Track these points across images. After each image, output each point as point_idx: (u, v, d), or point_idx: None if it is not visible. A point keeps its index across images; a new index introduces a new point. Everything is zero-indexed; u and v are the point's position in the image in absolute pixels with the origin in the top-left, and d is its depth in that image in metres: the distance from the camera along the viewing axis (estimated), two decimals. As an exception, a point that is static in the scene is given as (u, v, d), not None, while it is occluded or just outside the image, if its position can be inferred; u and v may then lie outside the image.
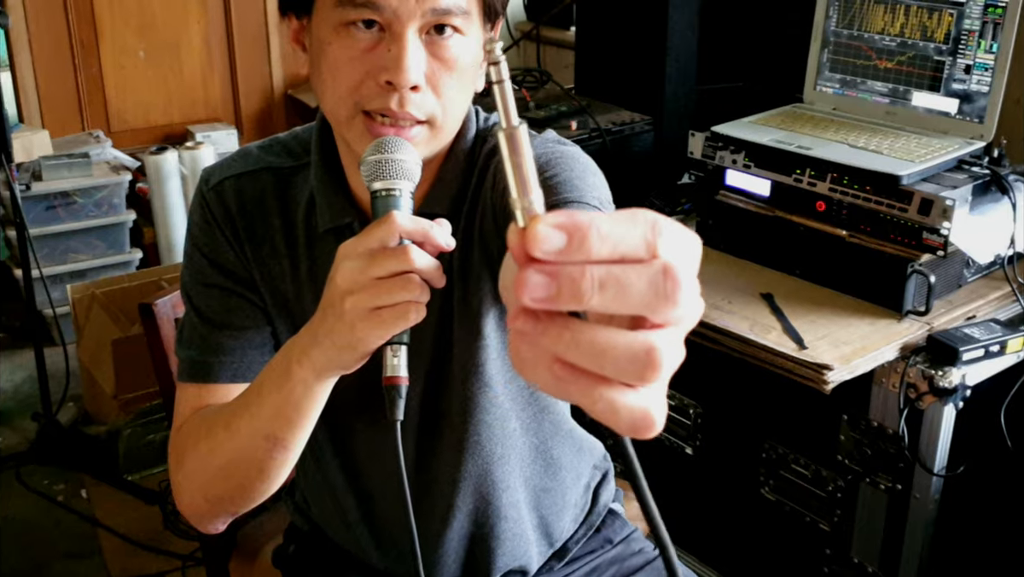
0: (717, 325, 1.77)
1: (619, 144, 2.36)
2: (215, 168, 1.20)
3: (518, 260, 0.47)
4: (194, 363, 1.16)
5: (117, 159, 3.71)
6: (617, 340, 0.47)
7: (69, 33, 3.82)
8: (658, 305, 0.47)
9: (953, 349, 1.66)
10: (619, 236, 0.47)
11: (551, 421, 1.28)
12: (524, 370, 0.50)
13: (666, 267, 0.47)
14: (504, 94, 0.51)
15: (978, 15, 1.87)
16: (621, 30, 2.54)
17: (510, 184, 0.50)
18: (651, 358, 0.47)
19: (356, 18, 0.99)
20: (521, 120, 0.51)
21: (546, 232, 0.46)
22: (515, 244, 0.47)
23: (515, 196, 0.50)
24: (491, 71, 0.51)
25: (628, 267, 0.47)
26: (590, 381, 0.48)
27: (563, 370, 0.48)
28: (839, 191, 1.83)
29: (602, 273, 0.46)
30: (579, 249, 0.46)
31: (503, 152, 0.50)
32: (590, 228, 0.46)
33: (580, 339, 0.47)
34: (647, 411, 0.49)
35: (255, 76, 4.20)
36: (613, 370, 0.48)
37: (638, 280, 0.47)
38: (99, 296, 3.00)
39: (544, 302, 0.47)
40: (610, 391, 0.48)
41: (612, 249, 0.47)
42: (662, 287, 0.47)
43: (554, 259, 0.46)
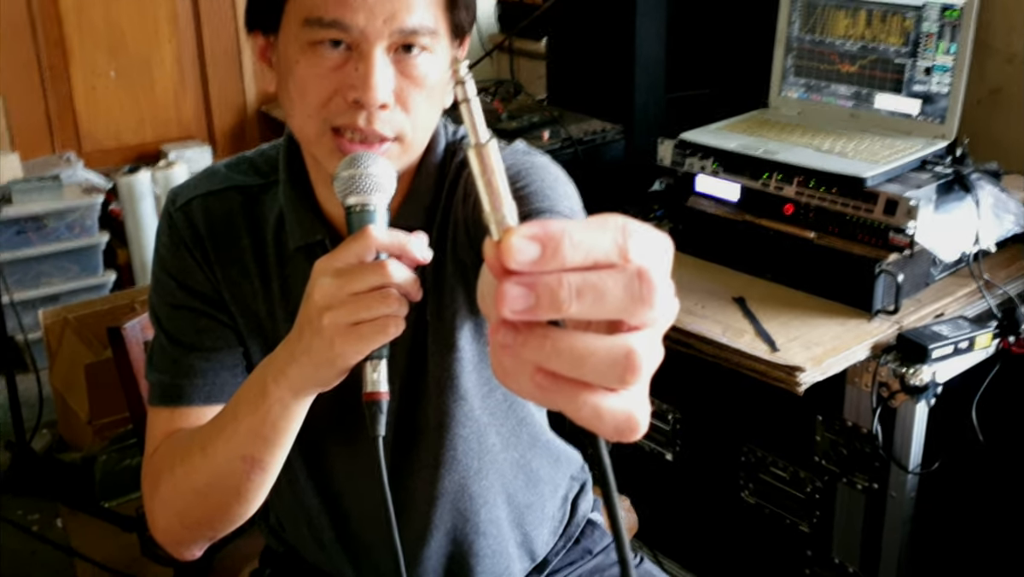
0: (691, 330, 1.78)
1: (591, 153, 2.38)
2: (182, 188, 1.20)
3: (495, 273, 0.48)
4: (165, 386, 1.15)
5: (89, 181, 3.68)
6: (596, 345, 0.48)
7: (37, 56, 3.80)
8: (634, 308, 0.48)
9: (923, 347, 1.67)
10: (591, 242, 0.48)
11: (529, 433, 1.28)
12: (507, 381, 0.50)
13: (640, 270, 0.48)
14: (472, 112, 0.52)
15: (936, 18, 1.89)
16: (591, 41, 2.55)
17: (482, 198, 0.51)
18: (631, 361, 0.48)
19: (324, 38, 0.99)
20: (490, 135, 0.52)
21: (520, 244, 0.47)
22: (491, 257, 0.48)
23: (488, 210, 0.51)
24: (457, 91, 0.52)
25: (603, 273, 0.48)
26: (573, 388, 0.49)
27: (546, 379, 0.49)
28: (806, 194, 1.84)
29: (578, 280, 0.47)
30: (554, 258, 0.47)
31: (474, 168, 0.51)
32: (563, 237, 0.47)
33: (560, 347, 0.48)
34: (631, 414, 0.50)
35: (228, 93, 4.19)
36: (594, 375, 0.49)
37: (614, 285, 0.48)
38: (71, 320, 2.98)
39: (524, 313, 0.48)
40: (593, 396, 0.49)
41: (585, 256, 0.47)
42: (637, 290, 0.48)
43: (530, 269, 0.47)
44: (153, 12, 3.96)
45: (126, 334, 1.46)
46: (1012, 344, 1.77)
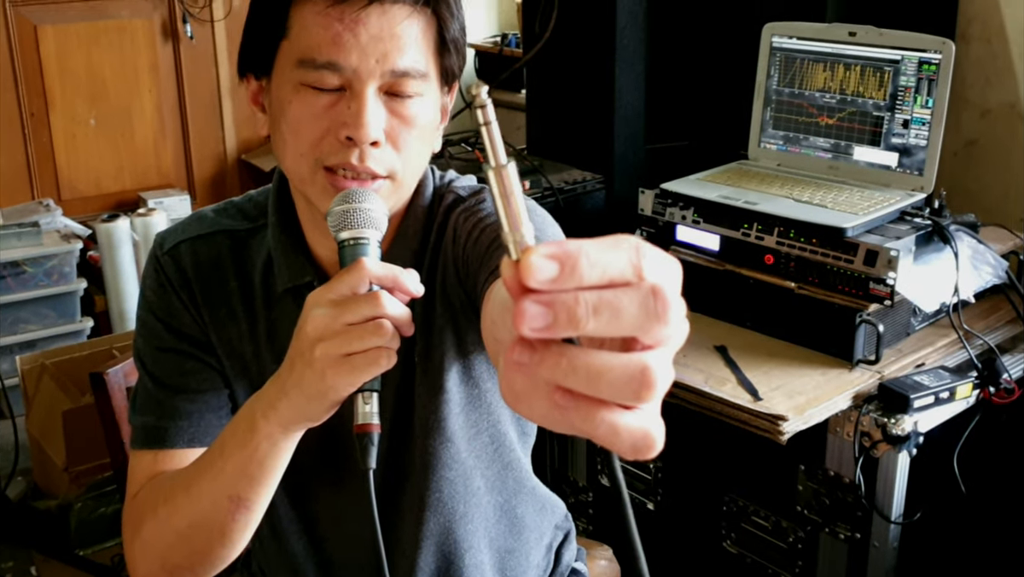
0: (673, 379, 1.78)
1: (571, 202, 2.39)
2: (169, 232, 1.20)
3: (513, 292, 0.49)
4: (149, 429, 1.14)
5: (68, 227, 3.67)
6: (612, 362, 0.49)
7: (19, 104, 3.80)
8: (649, 325, 0.49)
9: (904, 397, 1.68)
10: (607, 261, 0.49)
11: (515, 479, 1.27)
12: (519, 403, 0.51)
13: (654, 288, 0.49)
14: (492, 134, 0.53)
15: (913, 72, 1.93)
16: (570, 92, 2.58)
17: (501, 219, 0.52)
18: (646, 377, 0.49)
19: (317, 78, 1.01)
20: (509, 158, 0.53)
21: (539, 262, 0.48)
22: (509, 276, 0.49)
23: (507, 230, 0.52)
24: (478, 113, 0.54)
25: (619, 291, 0.49)
26: (590, 406, 0.50)
27: (563, 397, 0.50)
28: (786, 244, 1.86)
29: (595, 298, 0.48)
30: (571, 276, 0.48)
31: (493, 189, 0.52)
32: (580, 255, 0.48)
33: (577, 364, 0.49)
34: (647, 431, 0.51)
35: (208, 141, 4.20)
36: (610, 392, 0.49)
37: (629, 303, 0.49)
38: (49, 366, 2.95)
39: (543, 331, 0.48)
40: (610, 414, 0.50)
41: (602, 274, 0.48)
42: (652, 307, 0.49)
43: (548, 288, 0.48)
44: (134, 61, 3.98)
45: (108, 380, 1.45)
46: (992, 394, 1.78)
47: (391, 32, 1.01)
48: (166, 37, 4.01)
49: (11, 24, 3.73)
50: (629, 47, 2.44)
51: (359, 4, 0.99)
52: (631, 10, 2.42)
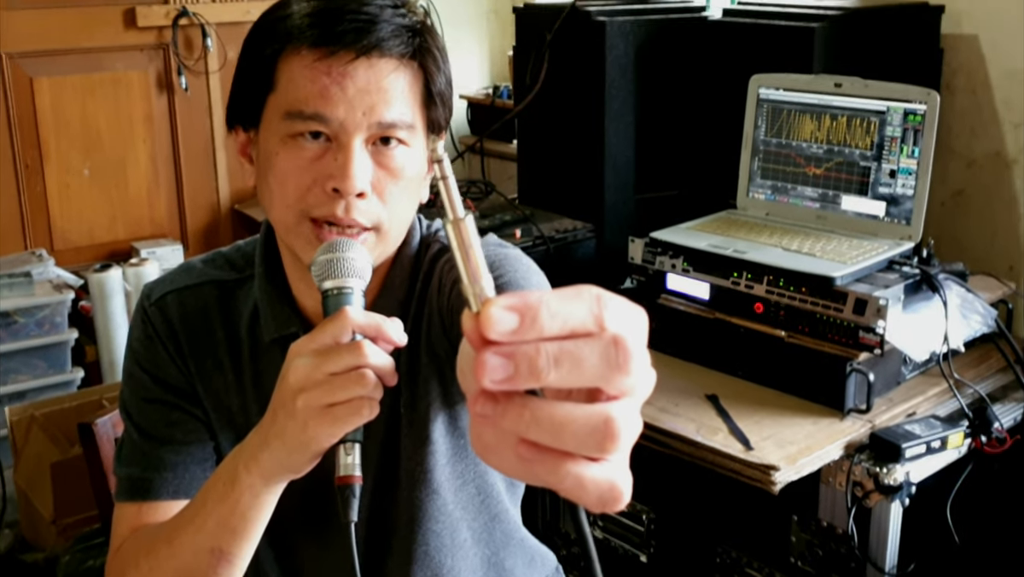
0: (664, 428, 1.78)
1: (562, 251, 2.40)
2: (157, 283, 1.21)
3: (474, 344, 0.49)
4: (133, 480, 1.14)
5: (60, 277, 3.67)
6: (575, 413, 0.49)
7: (14, 155, 3.82)
8: (611, 375, 0.49)
9: (896, 446, 1.68)
10: (568, 312, 0.49)
11: (502, 531, 1.26)
12: (489, 455, 0.51)
13: (615, 338, 0.49)
14: (449, 188, 0.54)
15: (899, 122, 1.95)
16: (561, 142, 2.60)
17: (460, 272, 0.52)
18: (609, 428, 0.49)
19: (304, 130, 1.02)
20: (467, 211, 0.53)
21: (499, 314, 0.48)
22: (470, 329, 0.49)
23: (467, 283, 0.52)
24: (435, 168, 0.54)
25: (580, 341, 0.49)
26: (555, 458, 0.50)
27: (528, 450, 0.50)
28: (776, 293, 1.87)
29: (556, 349, 0.48)
30: (531, 328, 0.48)
31: (452, 242, 0.53)
32: (540, 306, 0.48)
33: (540, 416, 0.49)
34: (613, 483, 0.51)
35: (201, 192, 4.21)
36: (574, 443, 0.49)
37: (591, 353, 0.49)
38: (38, 417, 2.94)
39: (504, 383, 0.48)
40: (576, 466, 0.50)
41: (562, 325, 0.49)
42: (614, 358, 0.49)
43: (509, 340, 0.48)
44: (129, 112, 4.00)
45: (97, 430, 1.44)
46: (984, 444, 1.78)
47: (378, 85, 1.02)
48: (161, 89, 4.04)
49: (7, 76, 3.76)
50: (619, 98, 2.46)
51: (346, 58, 1.01)
52: (620, 62, 2.44)
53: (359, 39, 1.01)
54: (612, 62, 2.43)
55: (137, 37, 3.95)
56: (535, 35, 2.59)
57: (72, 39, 3.84)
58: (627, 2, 2.67)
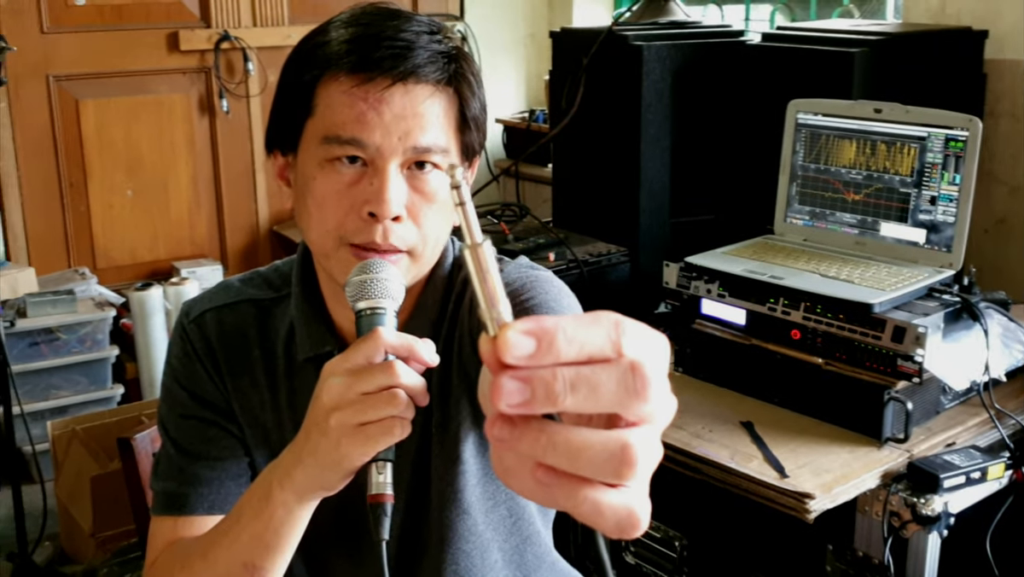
0: (698, 454, 1.77)
1: (596, 275, 2.40)
2: (196, 301, 1.22)
3: (491, 368, 0.49)
4: (170, 495, 1.15)
5: (102, 295, 3.72)
6: (592, 439, 0.49)
7: (59, 174, 3.89)
8: (629, 402, 0.49)
9: (934, 476, 1.65)
10: (585, 337, 0.49)
11: (534, 553, 1.26)
12: (508, 478, 0.51)
13: (633, 364, 0.49)
14: (467, 214, 0.54)
15: (940, 148, 1.93)
16: (596, 166, 2.61)
17: (478, 296, 0.52)
18: (626, 454, 0.49)
19: (341, 154, 1.04)
20: (485, 236, 0.53)
21: (516, 338, 0.48)
22: (487, 353, 0.49)
23: (484, 307, 0.52)
24: (453, 194, 0.55)
25: (597, 367, 0.49)
26: (572, 483, 0.50)
27: (545, 475, 0.50)
28: (813, 319, 1.85)
29: (572, 374, 0.48)
30: (548, 352, 0.48)
31: (470, 267, 0.53)
32: (557, 331, 0.48)
33: (556, 440, 0.49)
34: (631, 509, 0.51)
35: (241, 213, 4.26)
36: (591, 469, 0.49)
37: (607, 379, 0.49)
38: (79, 432, 2.98)
39: (520, 407, 0.48)
40: (593, 492, 0.50)
41: (579, 350, 0.49)
42: (631, 384, 0.49)
43: (526, 364, 0.48)
44: (171, 134, 4.06)
45: (136, 445, 1.46)
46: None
47: (414, 111, 1.03)
48: (202, 112, 4.10)
49: (53, 98, 3.84)
50: (655, 122, 2.46)
51: (383, 84, 1.02)
52: (657, 87, 2.45)
53: (396, 65, 1.03)
54: (648, 86, 2.44)
55: (180, 60, 4.02)
56: (572, 59, 2.60)
57: (117, 62, 3.92)
58: (664, 26, 2.68)
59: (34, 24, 3.75)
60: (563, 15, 4.40)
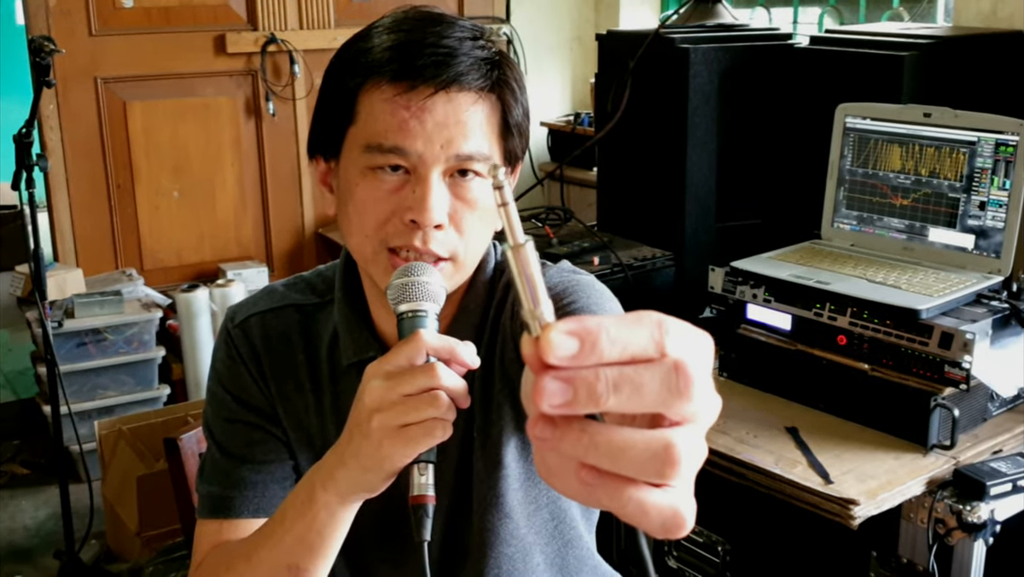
0: (742, 459, 1.76)
1: (640, 279, 2.39)
2: (240, 306, 1.23)
3: (534, 369, 0.49)
4: (215, 498, 1.16)
5: (148, 296, 3.77)
6: (635, 438, 0.49)
7: (107, 176, 3.94)
8: (672, 401, 0.49)
9: (980, 483, 1.64)
10: (628, 337, 0.49)
11: (576, 557, 1.26)
12: (552, 479, 0.51)
13: (677, 364, 0.49)
14: (509, 215, 0.54)
15: (990, 154, 1.91)
16: (642, 170, 2.60)
17: (521, 297, 0.52)
18: (670, 454, 0.49)
19: (384, 163, 1.04)
20: (527, 237, 0.53)
21: (559, 339, 0.48)
22: (530, 353, 0.49)
23: (527, 308, 0.52)
24: (496, 195, 0.54)
25: (640, 367, 0.49)
26: (617, 483, 0.49)
27: (589, 475, 0.50)
28: (859, 325, 1.84)
29: (615, 374, 0.48)
30: (591, 353, 0.48)
31: (512, 267, 0.53)
32: (600, 332, 0.48)
33: (599, 440, 0.49)
34: (676, 509, 0.50)
35: (287, 215, 4.30)
36: (634, 469, 0.49)
37: (651, 379, 0.48)
38: (125, 432, 3.02)
39: (562, 407, 0.48)
40: (638, 492, 0.50)
41: (623, 350, 0.48)
42: (675, 383, 0.49)
43: (568, 364, 0.48)
44: (218, 137, 4.10)
45: (182, 445, 1.47)
46: (1074, 484, 1.72)
47: (456, 119, 1.03)
48: (249, 114, 4.14)
49: (102, 100, 3.89)
50: (701, 126, 2.45)
51: (426, 92, 1.02)
52: (704, 90, 2.44)
53: (438, 73, 1.02)
54: (695, 89, 2.42)
55: (227, 63, 4.06)
56: (618, 62, 2.59)
57: (164, 65, 3.96)
58: (712, 29, 2.66)
59: (83, 27, 3.80)
60: (609, 17, 4.39)
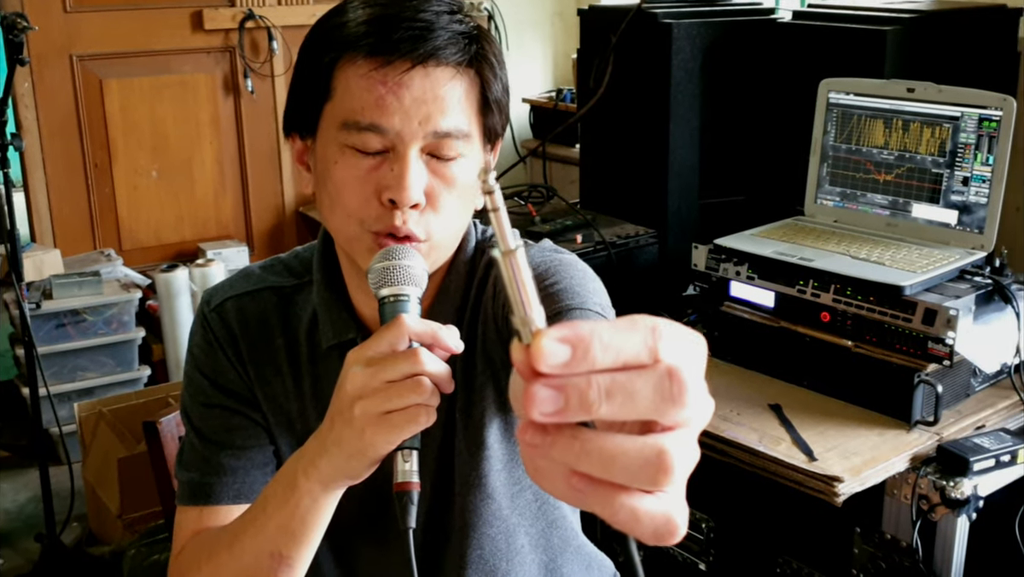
0: (726, 437, 1.76)
1: (624, 256, 2.38)
2: (217, 289, 1.21)
3: (524, 376, 0.48)
4: (195, 485, 1.15)
5: (128, 277, 3.74)
6: (627, 446, 0.48)
7: (83, 155, 3.90)
8: (666, 408, 0.48)
9: (963, 459, 1.64)
10: (621, 344, 0.47)
11: (560, 537, 1.26)
12: (541, 482, 0.50)
13: (670, 370, 0.48)
14: (500, 220, 0.52)
15: (973, 128, 1.90)
16: (624, 146, 2.59)
17: (512, 302, 0.51)
18: (662, 461, 0.48)
19: (361, 143, 1.02)
20: (519, 242, 0.52)
21: (551, 347, 0.47)
22: (520, 361, 0.48)
23: (518, 314, 0.51)
24: (487, 200, 0.53)
25: (633, 373, 0.47)
26: (608, 490, 0.48)
27: (580, 481, 0.49)
28: (843, 302, 1.83)
29: (608, 382, 0.47)
30: (583, 360, 0.47)
31: (503, 274, 0.51)
32: (592, 338, 0.47)
33: (590, 448, 0.48)
34: (669, 516, 0.49)
35: (266, 194, 4.27)
36: (626, 476, 0.48)
37: (644, 385, 0.47)
38: (106, 414, 2.99)
39: (554, 416, 0.47)
40: (630, 499, 0.49)
41: (615, 357, 0.47)
42: (668, 390, 0.47)
43: (560, 372, 0.47)
44: (196, 114, 4.07)
45: (161, 428, 1.46)
46: (1056, 459, 1.73)
47: (434, 94, 1.01)
48: (227, 91, 4.10)
49: (77, 78, 3.84)
50: (684, 102, 2.44)
51: (403, 67, 1.00)
52: (686, 65, 2.42)
53: (415, 47, 1.00)
54: (678, 65, 2.41)
55: (204, 40, 4.02)
56: (600, 38, 2.57)
57: (140, 42, 3.91)
58: (694, 4, 2.64)
59: (57, 3, 3.75)
60: (590, -8, 4.36)
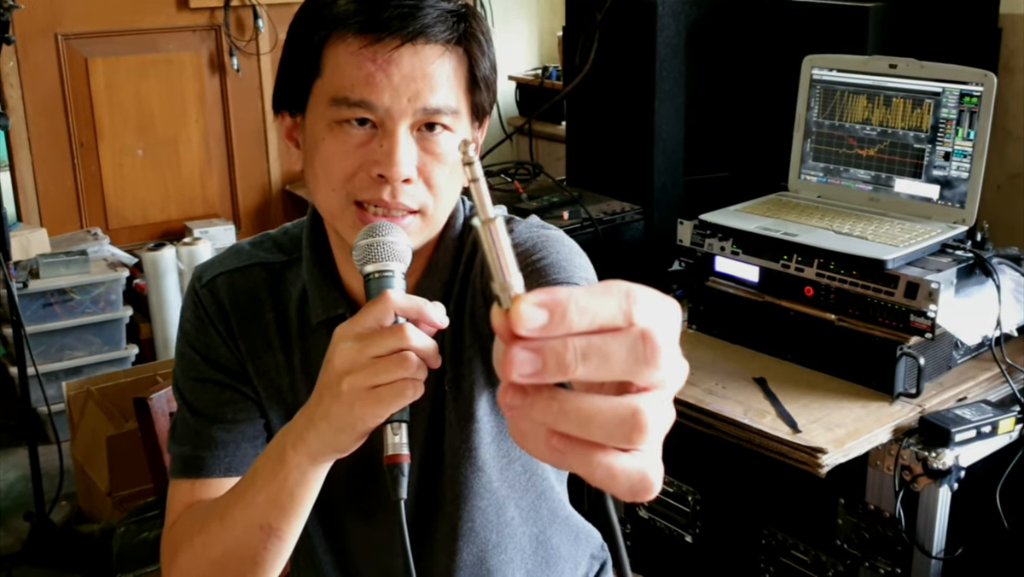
0: (711, 410, 1.78)
1: (610, 233, 2.40)
2: (207, 265, 1.22)
3: (504, 339, 0.50)
4: (187, 458, 1.16)
5: (115, 256, 3.74)
6: (602, 405, 0.50)
7: (69, 133, 3.89)
8: (640, 369, 0.50)
9: (945, 430, 1.66)
10: (596, 307, 0.49)
11: (549, 508, 1.27)
12: (524, 444, 0.52)
13: (644, 332, 0.49)
14: (479, 190, 0.55)
15: (954, 104, 1.92)
16: (610, 123, 2.60)
17: (491, 269, 0.53)
18: (637, 420, 0.50)
19: (350, 116, 1.03)
20: (497, 212, 0.54)
21: (528, 311, 0.49)
22: (500, 325, 0.50)
23: (497, 280, 0.53)
24: (466, 171, 0.55)
25: (608, 336, 0.49)
26: (586, 449, 0.50)
27: (559, 441, 0.51)
28: (826, 276, 1.85)
29: (583, 344, 0.49)
30: (560, 323, 0.49)
31: (483, 242, 0.54)
32: (569, 302, 0.49)
33: (567, 408, 0.50)
34: (644, 473, 0.51)
35: (253, 172, 4.26)
36: (602, 435, 0.50)
37: (618, 347, 0.49)
38: (94, 392, 3.00)
39: (532, 376, 0.49)
40: (606, 457, 0.51)
41: (591, 320, 0.49)
42: (641, 352, 0.49)
43: (538, 335, 0.49)
44: (181, 93, 4.05)
45: (152, 405, 1.47)
46: (1036, 429, 1.75)
47: (423, 72, 1.02)
48: (213, 70, 4.08)
49: (62, 57, 3.82)
50: (669, 79, 2.45)
51: (392, 44, 1.01)
52: (671, 42, 2.43)
53: (404, 25, 1.01)
54: (663, 42, 2.42)
55: (190, 18, 4.00)
56: (585, 15, 2.58)
57: (126, 20, 3.89)
58: (678, -19, 2.64)
59: (41, -18, 3.73)
60: (575, -31, 4.35)
